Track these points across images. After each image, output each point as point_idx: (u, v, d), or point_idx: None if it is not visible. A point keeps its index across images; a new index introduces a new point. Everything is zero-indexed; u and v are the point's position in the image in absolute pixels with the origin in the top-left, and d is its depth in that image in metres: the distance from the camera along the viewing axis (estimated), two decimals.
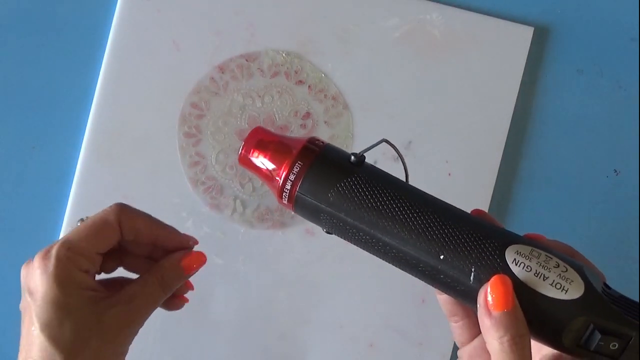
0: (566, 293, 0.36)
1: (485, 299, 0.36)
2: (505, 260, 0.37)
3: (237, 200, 0.65)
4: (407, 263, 0.39)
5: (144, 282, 0.43)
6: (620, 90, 0.67)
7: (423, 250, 0.38)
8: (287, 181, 0.40)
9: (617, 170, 0.67)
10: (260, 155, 0.42)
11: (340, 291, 0.65)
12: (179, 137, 0.65)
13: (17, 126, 0.65)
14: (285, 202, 0.41)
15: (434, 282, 0.39)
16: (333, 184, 0.39)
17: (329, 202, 0.39)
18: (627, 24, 0.67)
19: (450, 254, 0.38)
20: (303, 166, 0.40)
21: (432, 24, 0.66)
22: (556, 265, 0.37)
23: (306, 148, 0.40)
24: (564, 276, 0.37)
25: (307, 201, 0.40)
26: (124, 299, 0.42)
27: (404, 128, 0.65)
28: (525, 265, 0.37)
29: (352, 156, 0.40)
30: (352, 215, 0.39)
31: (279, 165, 0.41)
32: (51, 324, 0.40)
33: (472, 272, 0.37)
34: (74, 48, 0.65)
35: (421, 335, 0.65)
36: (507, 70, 0.66)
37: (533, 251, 0.38)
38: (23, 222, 0.65)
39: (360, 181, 0.39)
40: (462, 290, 0.38)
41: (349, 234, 0.40)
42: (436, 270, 0.38)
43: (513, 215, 0.67)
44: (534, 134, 0.67)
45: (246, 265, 0.65)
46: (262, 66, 0.65)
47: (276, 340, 0.65)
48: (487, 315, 0.36)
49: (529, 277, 0.37)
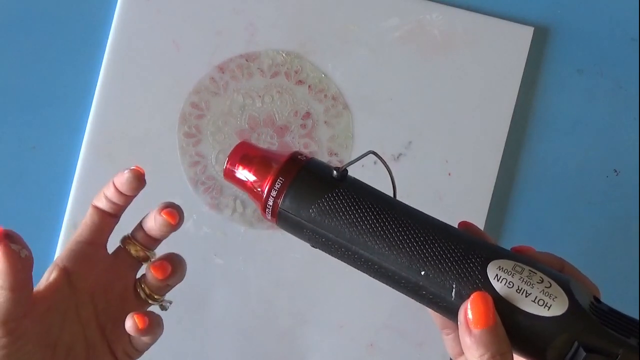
0: (549, 310, 0.35)
1: (466, 316, 0.36)
2: (487, 276, 0.37)
3: (237, 200, 0.65)
4: (390, 278, 0.39)
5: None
6: (620, 90, 0.67)
7: (404, 266, 0.38)
8: (270, 197, 0.40)
9: (617, 170, 0.67)
10: (244, 169, 0.41)
11: (340, 291, 0.65)
12: (179, 137, 0.65)
13: (17, 126, 0.65)
14: (268, 217, 0.41)
15: (417, 297, 0.39)
16: (314, 200, 0.39)
17: (310, 218, 0.39)
18: (627, 24, 0.67)
19: (431, 270, 0.37)
20: (285, 182, 0.40)
21: (432, 24, 0.66)
22: (540, 280, 0.36)
23: (288, 163, 0.40)
24: (547, 292, 0.36)
25: (289, 217, 0.40)
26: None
27: (404, 128, 0.65)
28: (507, 281, 0.36)
29: (335, 171, 0.40)
30: (333, 231, 0.39)
31: (262, 180, 0.41)
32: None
33: (453, 289, 0.37)
34: (74, 48, 0.65)
35: (421, 335, 0.65)
36: (507, 70, 0.66)
37: (516, 266, 0.37)
38: (23, 222, 0.65)
39: (341, 196, 0.39)
40: (444, 307, 0.38)
41: (332, 249, 0.40)
42: (418, 286, 0.38)
43: (513, 215, 0.67)
44: (534, 134, 0.67)
45: (246, 265, 0.65)
46: (262, 66, 0.65)
47: (276, 340, 0.65)
48: (467, 333, 0.36)
49: (511, 293, 0.36)
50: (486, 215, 0.65)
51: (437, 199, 0.65)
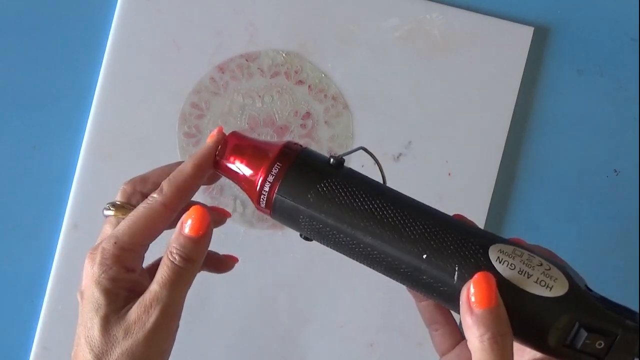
0: (551, 290, 0.36)
1: (468, 296, 0.36)
2: (489, 258, 0.37)
3: (237, 200, 0.65)
4: (389, 265, 0.38)
5: (161, 270, 0.40)
6: (620, 90, 0.67)
7: (405, 250, 0.37)
8: (266, 183, 0.39)
9: (617, 170, 0.67)
10: (236, 160, 0.41)
11: (340, 291, 0.65)
12: (179, 137, 0.65)
13: (17, 126, 0.65)
14: (262, 206, 0.40)
15: (416, 284, 0.38)
16: (312, 185, 0.39)
17: (308, 203, 0.39)
18: (627, 24, 0.67)
19: (433, 253, 0.37)
20: (282, 168, 0.39)
21: (432, 24, 0.66)
22: (539, 263, 0.37)
23: (284, 150, 0.40)
24: (547, 274, 0.36)
25: (286, 203, 0.39)
26: (148, 296, 0.40)
27: (404, 128, 0.65)
28: (509, 263, 0.37)
29: (332, 158, 0.40)
30: (333, 217, 0.38)
31: (256, 169, 0.40)
32: (86, 322, 0.40)
33: (456, 271, 0.37)
34: (74, 48, 0.65)
35: (421, 335, 0.65)
36: (507, 70, 0.66)
37: (516, 250, 0.37)
38: (23, 222, 0.65)
39: (340, 182, 0.39)
40: (444, 291, 0.38)
41: (329, 236, 0.39)
42: (419, 271, 0.38)
43: (513, 215, 0.67)
44: (534, 134, 0.67)
45: (246, 265, 0.65)
46: (262, 66, 0.65)
47: (276, 340, 0.65)
48: (469, 312, 0.36)
49: (513, 274, 0.36)
50: (486, 215, 0.65)
51: (437, 199, 0.65)
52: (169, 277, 0.40)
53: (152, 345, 0.39)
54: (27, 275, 0.64)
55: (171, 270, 0.40)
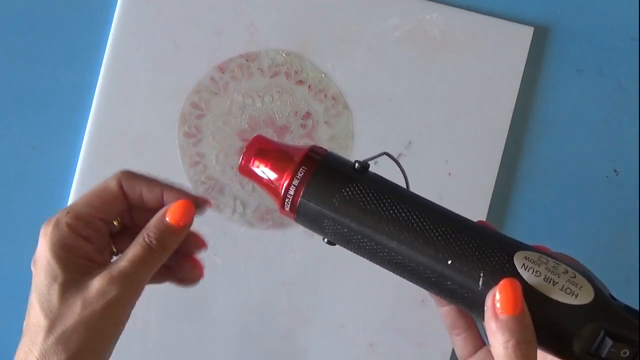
0: (576, 298, 0.36)
1: (493, 301, 0.36)
2: (514, 264, 0.37)
3: (237, 200, 0.65)
4: (413, 270, 0.38)
5: (133, 248, 0.41)
6: (620, 90, 0.67)
7: (430, 256, 0.37)
8: (291, 187, 0.39)
9: (617, 170, 0.67)
10: (261, 164, 0.41)
11: (340, 291, 0.65)
12: (179, 137, 0.65)
13: (17, 126, 0.65)
14: (287, 209, 0.40)
15: (440, 290, 0.38)
16: (338, 190, 0.39)
17: (333, 207, 0.39)
18: (627, 24, 0.67)
19: (458, 259, 0.37)
20: (307, 172, 0.39)
21: (432, 24, 0.66)
22: (565, 271, 0.37)
23: (309, 155, 0.40)
24: (573, 281, 0.36)
25: (311, 207, 0.39)
26: (115, 269, 0.40)
27: (404, 128, 0.65)
28: (535, 270, 0.37)
29: (357, 163, 0.40)
30: (358, 221, 0.38)
31: (281, 172, 0.40)
32: (41, 289, 0.40)
33: (481, 277, 0.37)
34: (74, 48, 0.65)
35: (421, 335, 0.65)
36: (507, 70, 0.66)
37: (541, 257, 0.37)
38: (23, 222, 0.65)
39: (365, 187, 0.39)
40: (468, 298, 0.38)
41: (353, 241, 0.39)
42: (443, 277, 0.37)
43: (513, 215, 0.67)
44: (534, 134, 0.67)
45: (246, 265, 0.65)
46: (262, 66, 0.65)
47: (276, 340, 0.65)
48: (493, 318, 0.36)
49: (539, 282, 0.36)
50: (486, 215, 0.65)
51: (437, 199, 0.64)
52: (142, 256, 0.41)
53: (110, 316, 0.40)
54: (27, 276, 0.64)
55: (145, 251, 0.41)
